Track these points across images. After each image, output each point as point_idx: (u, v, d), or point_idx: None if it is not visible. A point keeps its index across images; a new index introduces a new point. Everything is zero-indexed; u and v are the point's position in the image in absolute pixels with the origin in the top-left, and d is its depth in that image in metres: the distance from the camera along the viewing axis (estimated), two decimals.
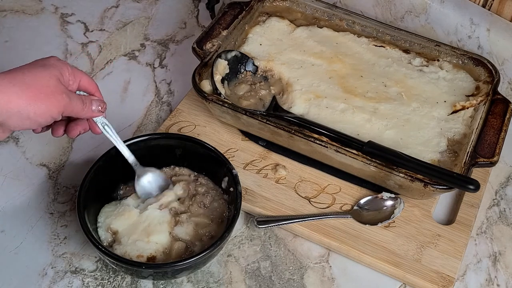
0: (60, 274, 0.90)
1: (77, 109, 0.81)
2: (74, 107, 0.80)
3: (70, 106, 0.79)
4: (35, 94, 0.74)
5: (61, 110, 0.78)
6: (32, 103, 0.74)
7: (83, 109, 0.82)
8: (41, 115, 0.76)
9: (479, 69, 1.08)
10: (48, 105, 0.76)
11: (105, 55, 1.22)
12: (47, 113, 0.76)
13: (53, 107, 0.76)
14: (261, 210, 0.96)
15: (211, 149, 0.94)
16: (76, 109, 0.80)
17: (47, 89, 0.76)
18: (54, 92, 0.76)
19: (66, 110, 0.79)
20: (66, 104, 0.78)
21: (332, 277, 0.92)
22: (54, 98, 0.76)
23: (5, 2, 1.30)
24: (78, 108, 0.81)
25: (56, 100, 0.77)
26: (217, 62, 1.04)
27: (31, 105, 0.74)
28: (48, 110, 0.76)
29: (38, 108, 0.75)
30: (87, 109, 0.83)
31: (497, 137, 0.95)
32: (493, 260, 0.96)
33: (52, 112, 0.76)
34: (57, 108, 0.77)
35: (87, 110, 0.83)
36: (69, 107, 0.79)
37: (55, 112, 0.77)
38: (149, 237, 0.87)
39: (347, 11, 1.16)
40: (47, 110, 0.76)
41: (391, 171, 0.91)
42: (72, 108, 0.80)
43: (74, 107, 0.80)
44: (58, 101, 0.77)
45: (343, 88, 1.05)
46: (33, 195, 0.99)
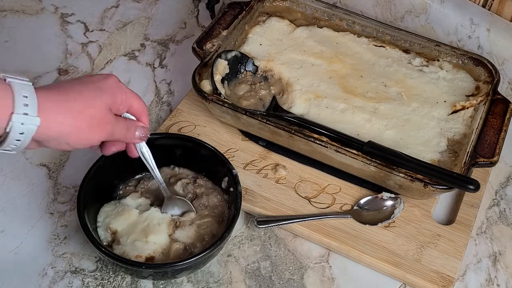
0: (60, 274, 0.90)
1: (119, 136, 0.78)
2: (116, 135, 0.77)
3: (112, 136, 0.76)
4: (81, 124, 0.71)
5: (102, 140, 0.75)
6: (75, 132, 0.71)
7: (126, 136, 0.79)
8: (81, 144, 0.73)
9: (479, 69, 1.08)
10: (89, 136, 0.73)
11: (105, 55, 1.22)
12: (87, 143, 0.73)
13: (94, 138, 0.74)
14: (261, 210, 0.96)
15: (211, 149, 0.94)
16: (118, 136, 0.78)
17: (93, 121, 0.72)
18: (100, 123, 0.73)
19: (108, 138, 0.76)
20: (109, 135, 0.76)
21: (332, 277, 0.92)
22: (98, 129, 0.73)
23: (5, 2, 1.30)
24: (121, 135, 0.78)
25: (100, 131, 0.74)
26: (217, 62, 1.04)
27: (73, 134, 0.71)
28: (89, 140, 0.73)
29: (79, 138, 0.72)
30: (130, 135, 0.80)
31: (497, 137, 0.95)
32: (493, 260, 0.96)
33: (93, 141, 0.74)
34: (98, 138, 0.74)
35: (130, 137, 0.80)
36: (111, 136, 0.76)
37: (96, 142, 0.75)
38: (148, 237, 0.87)
39: (347, 11, 1.16)
40: (88, 141, 0.73)
41: (391, 171, 0.91)
42: (114, 137, 0.77)
43: (116, 135, 0.77)
44: (102, 132, 0.74)
45: (343, 88, 1.05)
46: (33, 195, 0.99)
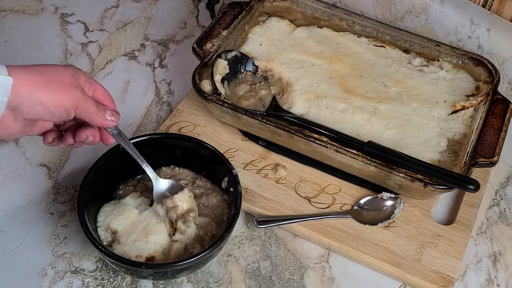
0: (60, 274, 0.90)
1: (91, 110, 0.79)
2: (88, 107, 0.78)
3: (84, 104, 0.77)
4: (48, 82, 0.74)
5: (74, 104, 0.76)
6: (45, 89, 0.73)
7: (97, 113, 0.80)
8: (54, 104, 0.74)
9: (479, 69, 1.08)
10: (61, 95, 0.75)
11: (105, 55, 1.22)
12: (60, 103, 0.75)
13: (66, 98, 0.75)
14: (261, 210, 0.96)
15: (211, 149, 0.94)
16: (90, 110, 0.79)
17: (61, 81, 0.75)
18: (69, 84, 0.76)
19: (80, 106, 0.77)
20: (80, 100, 0.77)
21: (332, 277, 0.92)
22: (68, 89, 0.75)
23: (5, 2, 1.30)
24: (92, 110, 0.79)
25: (70, 92, 0.76)
26: (217, 62, 1.04)
27: (43, 90, 0.73)
28: (62, 99, 0.75)
29: (51, 96, 0.74)
30: (101, 115, 0.81)
31: (497, 137, 0.95)
32: (493, 260, 0.96)
33: (65, 103, 0.75)
34: (70, 100, 0.76)
35: (101, 116, 0.81)
36: (83, 103, 0.77)
37: (68, 104, 0.75)
38: (148, 237, 0.87)
39: (347, 11, 1.16)
40: (60, 100, 0.75)
41: (391, 171, 0.91)
42: (85, 107, 0.78)
43: (88, 107, 0.78)
44: (72, 93, 0.76)
45: (343, 88, 1.05)
46: (33, 195, 0.99)
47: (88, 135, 0.82)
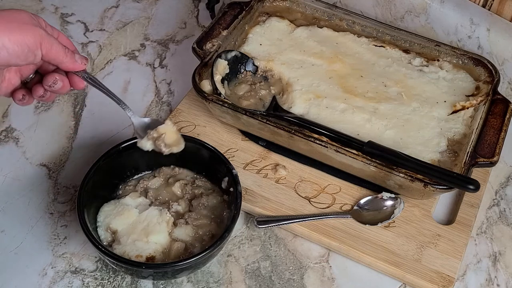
0: (60, 274, 0.90)
1: (57, 49, 0.77)
2: (53, 45, 0.76)
3: (48, 41, 0.75)
4: (7, 23, 0.72)
5: (38, 40, 0.74)
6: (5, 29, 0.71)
7: (66, 55, 0.78)
8: (17, 43, 0.72)
9: (479, 69, 1.08)
10: (23, 33, 0.73)
11: (105, 55, 1.22)
12: (23, 41, 0.73)
13: (29, 35, 0.73)
14: (261, 210, 0.96)
15: (211, 149, 0.94)
16: (56, 48, 0.76)
17: (20, 20, 0.73)
18: (28, 23, 0.74)
19: (44, 44, 0.75)
20: (43, 36, 0.75)
21: (332, 277, 0.92)
22: (29, 27, 0.73)
23: (5, 2, 1.30)
24: (60, 49, 0.77)
25: (31, 30, 0.74)
26: (217, 62, 1.04)
27: (3, 32, 0.71)
28: (24, 37, 0.73)
29: (12, 35, 0.72)
30: (70, 56, 0.78)
31: (497, 137, 0.95)
32: (493, 260, 0.96)
33: (28, 40, 0.73)
34: (33, 37, 0.74)
35: (70, 58, 0.78)
36: (47, 41, 0.75)
37: (32, 42, 0.73)
38: (148, 237, 0.87)
39: (347, 11, 1.16)
40: (23, 38, 0.73)
41: (391, 171, 0.91)
42: (51, 45, 0.76)
43: (54, 46, 0.76)
44: (34, 31, 0.74)
45: (343, 88, 1.05)
46: (33, 195, 0.99)
47: (56, 79, 0.80)
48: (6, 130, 1.08)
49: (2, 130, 1.08)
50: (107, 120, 1.09)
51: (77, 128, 1.09)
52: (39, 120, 1.09)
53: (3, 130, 1.08)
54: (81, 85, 0.83)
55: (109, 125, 1.09)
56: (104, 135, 1.07)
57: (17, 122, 1.09)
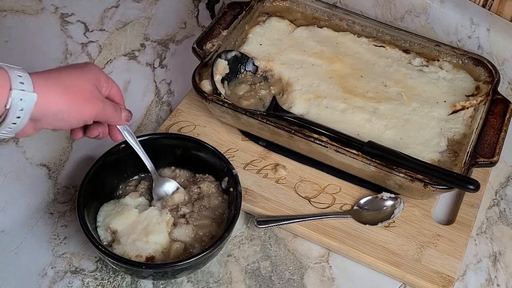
0: (60, 274, 0.90)
1: (108, 115, 0.82)
2: (107, 113, 0.81)
3: (103, 113, 0.80)
4: (73, 97, 0.75)
5: (94, 115, 0.79)
6: (69, 106, 0.75)
7: (115, 116, 0.83)
8: (76, 118, 0.77)
9: (479, 69, 1.08)
10: (83, 109, 0.77)
11: (105, 55, 1.22)
12: (81, 117, 0.77)
13: (88, 112, 0.77)
14: (261, 210, 0.96)
15: (211, 149, 0.94)
16: (107, 115, 0.82)
17: (85, 94, 0.77)
18: (91, 97, 0.78)
19: (99, 115, 0.80)
20: (100, 110, 0.79)
21: (332, 277, 0.92)
22: (90, 103, 0.78)
23: (5, 2, 1.30)
24: (110, 114, 0.82)
25: (92, 106, 0.78)
26: (217, 62, 1.04)
27: (68, 107, 0.75)
28: (83, 114, 0.77)
29: (74, 111, 0.76)
30: (118, 116, 0.84)
31: (497, 137, 0.95)
32: (493, 260, 0.96)
33: (86, 116, 0.78)
34: (91, 113, 0.78)
35: (117, 118, 0.84)
36: (102, 113, 0.80)
37: (89, 117, 0.78)
38: (148, 237, 0.87)
39: (347, 11, 1.16)
40: (82, 114, 0.77)
41: (391, 171, 0.91)
42: (104, 115, 0.81)
43: (107, 114, 0.81)
44: (93, 107, 0.78)
45: (343, 88, 1.05)
46: (33, 195, 0.99)
47: (100, 132, 0.85)
48: None
49: None
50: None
51: None
52: None
53: None
54: (119, 138, 0.89)
55: None
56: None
57: None
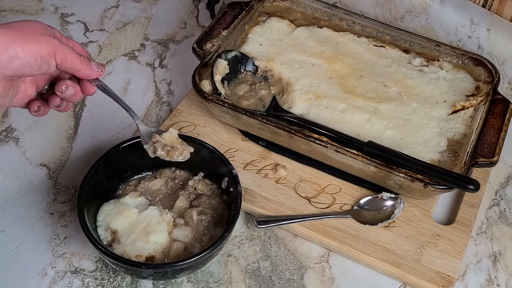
0: (60, 274, 0.90)
1: (72, 58, 0.77)
2: (67, 54, 0.77)
3: (62, 50, 0.76)
4: (21, 34, 0.73)
5: (51, 50, 0.75)
6: (18, 40, 0.72)
7: (81, 63, 0.79)
8: (30, 53, 0.73)
9: (479, 69, 1.08)
10: (36, 43, 0.73)
11: (105, 55, 1.22)
12: (37, 51, 0.73)
13: (42, 45, 0.74)
14: (261, 210, 0.96)
15: (211, 149, 0.94)
16: (71, 57, 0.77)
17: (34, 31, 0.74)
18: (42, 34, 0.75)
19: (58, 53, 0.76)
20: (57, 46, 0.75)
21: (332, 277, 0.92)
22: (42, 37, 0.74)
23: (5, 2, 1.30)
24: (74, 58, 0.78)
25: (45, 40, 0.74)
26: (217, 62, 1.04)
27: (17, 42, 0.72)
28: (37, 47, 0.73)
29: (26, 45, 0.73)
30: (86, 64, 0.79)
31: (497, 137, 0.95)
32: (493, 260, 0.96)
33: (42, 50, 0.74)
34: (47, 47, 0.74)
35: (86, 65, 0.79)
36: (60, 50, 0.76)
37: (45, 52, 0.74)
38: (148, 237, 0.87)
39: (347, 11, 1.16)
40: (36, 48, 0.73)
41: (391, 171, 0.91)
42: (65, 54, 0.76)
43: (68, 54, 0.77)
44: (47, 41, 0.74)
45: (343, 88, 1.05)
46: (33, 195, 0.99)
47: (67, 84, 0.80)
48: (6, 130, 1.08)
49: (2, 130, 1.08)
50: (107, 120, 1.09)
51: (77, 128, 1.09)
52: (39, 120, 1.09)
53: (3, 130, 1.08)
54: (91, 91, 0.83)
55: (109, 125, 1.09)
56: (104, 135, 1.07)
57: (17, 122, 1.09)
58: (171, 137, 0.88)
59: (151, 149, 0.87)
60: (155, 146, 0.86)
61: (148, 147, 0.87)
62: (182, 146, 0.88)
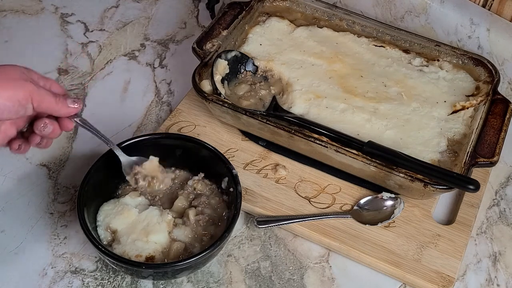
0: (60, 274, 0.90)
1: (49, 99, 0.79)
2: (44, 97, 0.78)
3: (38, 94, 0.77)
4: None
5: (27, 95, 0.76)
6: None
7: (57, 103, 0.80)
8: (7, 99, 0.74)
9: (479, 69, 1.08)
10: (13, 89, 0.75)
11: (105, 55, 1.22)
12: (14, 97, 0.75)
13: (19, 91, 0.76)
14: (261, 210, 0.96)
15: (211, 149, 0.94)
16: (47, 99, 0.79)
17: (10, 75, 0.76)
18: (19, 78, 0.76)
19: (35, 97, 0.77)
20: (33, 90, 0.77)
21: (332, 277, 0.92)
22: (19, 83, 0.76)
23: (5, 2, 1.30)
24: (51, 99, 0.79)
25: (21, 85, 0.76)
26: (217, 62, 1.04)
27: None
28: (14, 93, 0.75)
29: (4, 92, 0.74)
30: (62, 103, 0.81)
31: (497, 137, 0.95)
32: (493, 260, 0.96)
33: (19, 96, 0.75)
34: (23, 92, 0.76)
35: (62, 105, 0.81)
36: (37, 94, 0.77)
37: (22, 97, 0.76)
38: (148, 237, 0.87)
39: (347, 11, 1.16)
40: (13, 94, 0.75)
41: (391, 171, 0.91)
42: (42, 98, 0.78)
43: (45, 98, 0.78)
44: (24, 86, 0.76)
45: (343, 88, 1.05)
46: (33, 195, 0.99)
47: (45, 122, 0.82)
48: None
49: None
50: (107, 120, 1.09)
51: (77, 128, 1.09)
52: None
53: None
54: (70, 127, 0.85)
55: (109, 125, 1.09)
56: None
57: None
58: (151, 166, 0.92)
59: (133, 181, 0.91)
60: (136, 178, 0.91)
61: (130, 179, 0.91)
62: (163, 174, 0.93)
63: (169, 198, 0.95)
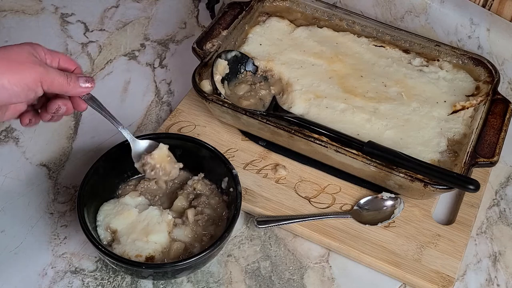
0: (60, 274, 0.90)
1: (59, 81, 0.78)
2: (54, 78, 0.77)
3: (48, 77, 0.76)
4: (6, 64, 0.73)
5: (37, 79, 0.75)
6: (4, 71, 0.73)
7: (69, 83, 0.79)
8: (16, 84, 0.74)
9: (479, 69, 1.08)
10: (21, 73, 0.74)
11: (105, 55, 1.22)
12: (23, 81, 0.74)
13: (27, 75, 0.74)
14: (261, 210, 0.96)
15: (211, 149, 0.94)
16: (58, 81, 0.77)
17: (18, 60, 0.75)
18: (26, 61, 0.75)
19: (45, 81, 0.76)
20: (43, 73, 0.76)
21: (332, 277, 0.92)
22: (27, 66, 0.75)
23: (5, 2, 1.30)
24: (62, 80, 0.78)
25: (30, 68, 0.75)
26: (217, 62, 1.04)
27: (3, 73, 0.73)
28: (23, 78, 0.74)
29: (12, 77, 0.73)
30: (73, 84, 0.79)
31: (497, 137, 0.95)
32: (493, 260, 0.96)
33: (27, 80, 0.74)
34: (32, 76, 0.75)
35: (73, 85, 0.79)
36: (47, 77, 0.76)
37: (31, 81, 0.75)
38: (148, 237, 0.87)
39: (347, 11, 1.16)
40: (22, 78, 0.74)
41: (391, 171, 0.91)
42: (52, 80, 0.77)
43: (55, 79, 0.77)
44: (32, 69, 0.75)
45: (343, 88, 1.05)
46: (33, 195, 0.99)
47: (59, 105, 0.81)
48: (6, 130, 1.08)
49: (2, 130, 1.08)
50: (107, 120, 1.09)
51: (77, 128, 1.09)
52: None
53: (3, 130, 1.08)
54: (83, 106, 0.84)
55: (109, 125, 1.08)
56: (104, 135, 1.07)
57: (17, 122, 1.08)
58: (160, 155, 0.89)
59: (142, 170, 0.90)
60: (144, 169, 0.89)
61: (139, 167, 0.90)
62: (171, 164, 0.90)
63: (169, 198, 0.95)
